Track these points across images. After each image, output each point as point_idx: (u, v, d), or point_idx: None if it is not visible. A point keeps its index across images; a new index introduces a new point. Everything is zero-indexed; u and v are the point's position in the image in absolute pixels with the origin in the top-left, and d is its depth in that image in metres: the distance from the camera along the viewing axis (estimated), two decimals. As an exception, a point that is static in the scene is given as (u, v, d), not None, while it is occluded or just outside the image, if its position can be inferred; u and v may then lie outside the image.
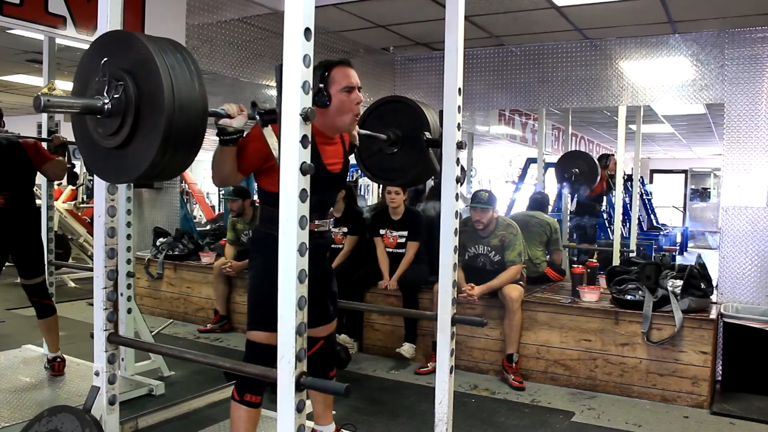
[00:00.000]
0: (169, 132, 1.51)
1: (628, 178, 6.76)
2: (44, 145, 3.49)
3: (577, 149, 6.61)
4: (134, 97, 1.56)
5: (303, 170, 1.48)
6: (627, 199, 6.94)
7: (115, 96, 1.57)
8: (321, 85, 2.13)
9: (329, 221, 2.33)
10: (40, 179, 3.73)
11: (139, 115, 1.56)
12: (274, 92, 3.85)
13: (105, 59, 1.61)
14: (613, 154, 6.51)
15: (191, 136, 1.57)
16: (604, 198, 6.54)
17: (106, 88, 1.59)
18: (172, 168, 1.63)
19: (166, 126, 1.50)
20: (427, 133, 2.47)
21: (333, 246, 4.51)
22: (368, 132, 2.52)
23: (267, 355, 1.97)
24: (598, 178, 5.83)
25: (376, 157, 2.67)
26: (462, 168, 2.40)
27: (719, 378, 3.85)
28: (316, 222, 2.22)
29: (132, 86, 1.56)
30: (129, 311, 3.52)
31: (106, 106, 1.58)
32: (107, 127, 1.61)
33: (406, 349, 4.25)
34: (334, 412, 2.67)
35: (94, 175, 1.94)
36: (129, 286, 3.55)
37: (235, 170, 2.07)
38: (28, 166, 3.34)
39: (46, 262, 3.83)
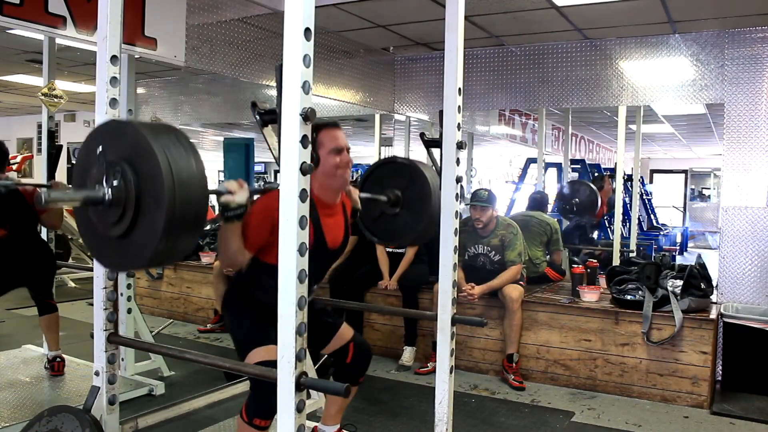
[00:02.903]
0: (172, 212, 1.49)
1: (628, 178, 6.75)
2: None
3: (577, 179, 6.55)
4: (133, 182, 1.54)
5: (303, 170, 1.48)
6: (627, 199, 6.93)
7: (114, 183, 1.56)
8: None
9: (319, 286, 2.36)
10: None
11: (140, 198, 1.54)
12: (274, 92, 3.85)
13: (100, 148, 1.60)
14: (605, 175, 6.59)
15: (194, 213, 1.56)
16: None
17: (105, 177, 1.57)
18: (177, 249, 1.60)
19: (169, 206, 1.48)
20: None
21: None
22: (368, 195, 2.54)
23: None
24: (599, 203, 5.92)
25: (379, 221, 2.67)
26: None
27: (719, 378, 3.85)
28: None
29: (129, 171, 1.54)
30: (129, 311, 3.53)
31: (106, 196, 1.57)
32: (109, 216, 1.59)
33: (407, 358, 4.27)
34: (334, 413, 2.67)
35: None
36: (129, 286, 3.56)
37: (241, 248, 2.06)
38: (29, 209, 3.34)
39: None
